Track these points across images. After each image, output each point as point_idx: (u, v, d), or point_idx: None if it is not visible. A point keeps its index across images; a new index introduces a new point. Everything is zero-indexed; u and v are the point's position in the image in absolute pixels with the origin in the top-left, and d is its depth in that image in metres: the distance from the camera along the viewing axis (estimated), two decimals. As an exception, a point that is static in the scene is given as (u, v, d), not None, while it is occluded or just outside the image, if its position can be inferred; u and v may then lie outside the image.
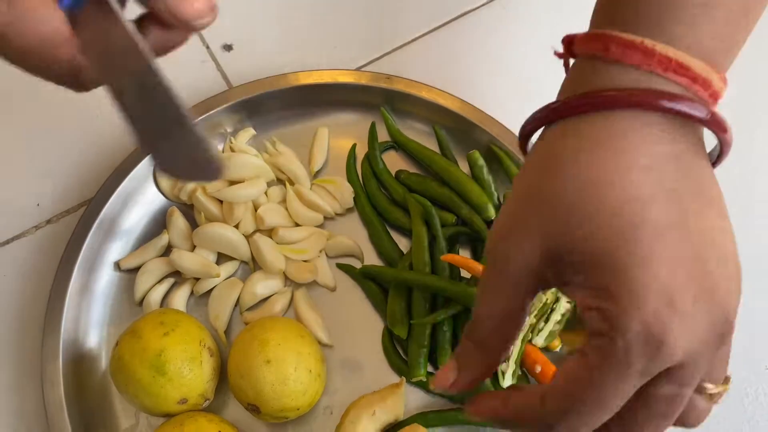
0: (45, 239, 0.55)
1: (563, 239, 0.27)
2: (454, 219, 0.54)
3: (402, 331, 0.51)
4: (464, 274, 0.52)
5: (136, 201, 0.55)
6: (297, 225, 0.55)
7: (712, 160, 0.30)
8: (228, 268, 0.54)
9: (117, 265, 0.54)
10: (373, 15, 0.65)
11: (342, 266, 0.55)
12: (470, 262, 0.50)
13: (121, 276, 0.54)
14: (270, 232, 0.55)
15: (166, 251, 0.54)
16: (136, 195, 0.55)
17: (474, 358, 0.31)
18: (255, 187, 0.54)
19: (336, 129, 0.59)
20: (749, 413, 0.51)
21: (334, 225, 0.56)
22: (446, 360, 0.41)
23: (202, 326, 0.49)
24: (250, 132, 0.58)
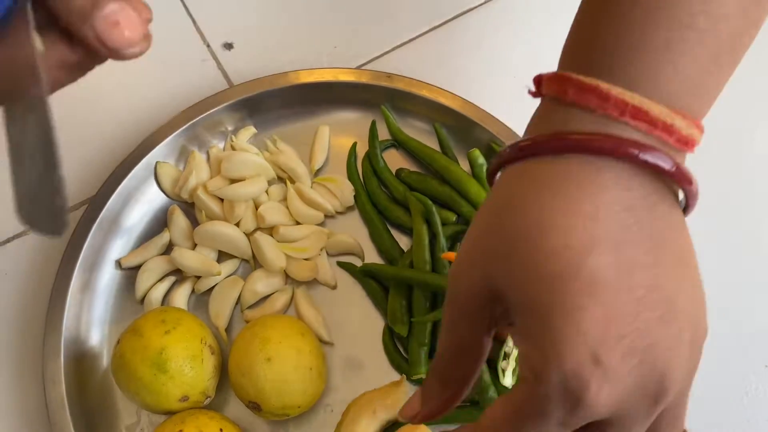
0: (46, 238, 0.55)
1: (503, 281, 0.27)
2: (455, 217, 0.54)
3: (402, 329, 0.51)
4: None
5: (138, 199, 0.55)
6: (298, 223, 0.55)
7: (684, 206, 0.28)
8: (229, 267, 0.54)
9: (118, 264, 0.54)
10: (374, 13, 0.65)
11: (343, 264, 0.55)
12: (471, 261, 0.50)
13: (123, 274, 0.54)
14: (271, 231, 0.55)
15: (168, 249, 0.54)
16: (137, 193, 0.55)
17: (435, 391, 0.32)
18: (256, 186, 0.54)
19: (337, 127, 0.59)
20: (749, 412, 0.51)
21: (335, 223, 0.56)
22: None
23: (203, 324, 0.49)
24: (251, 130, 0.58)
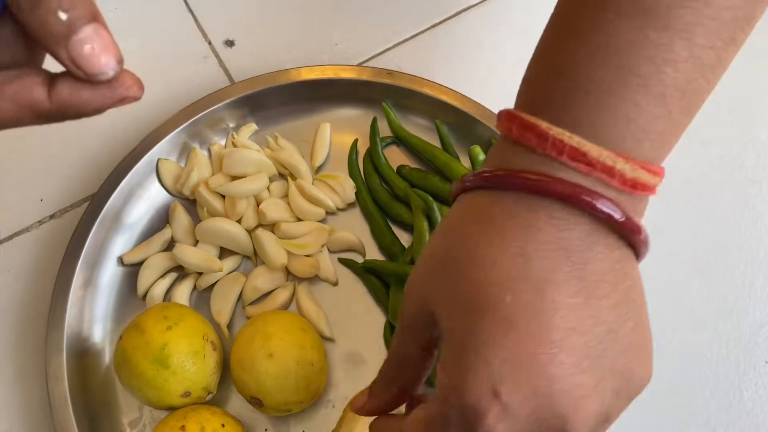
0: (48, 234, 0.56)
1: (434, 307, 0.29)
2: (456, 214, 0.54)
3: (403, 326, 0.51)
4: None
5: (139, 196, 0.55)
6: (299, 220, 0.56)
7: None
8: (230, 263, 0.54)
9: (120, 260, 0.54)
10: (375, 10, 0.65)
11: (344, 261, 0.55)
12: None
13: (125, 271, 0.54)
14: (272, 227, 0.55)
15: (169, 246, 0.54)
16: (139, 190, 0.55)
17: (379, 391, 0.34)
18: (257, 183, 0.54)
19: (338, 124, 0.59)
20: (749, 407, 0.51)
21: (336, 220, 0.56)
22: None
23: (205, 320, 0.49)
24: (252, 127, 0.58)
